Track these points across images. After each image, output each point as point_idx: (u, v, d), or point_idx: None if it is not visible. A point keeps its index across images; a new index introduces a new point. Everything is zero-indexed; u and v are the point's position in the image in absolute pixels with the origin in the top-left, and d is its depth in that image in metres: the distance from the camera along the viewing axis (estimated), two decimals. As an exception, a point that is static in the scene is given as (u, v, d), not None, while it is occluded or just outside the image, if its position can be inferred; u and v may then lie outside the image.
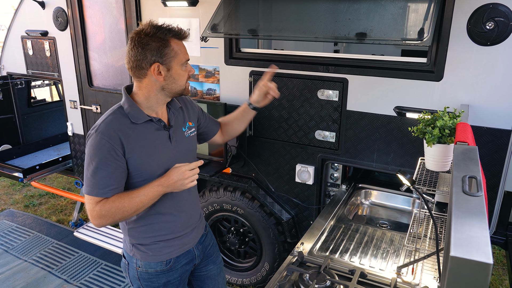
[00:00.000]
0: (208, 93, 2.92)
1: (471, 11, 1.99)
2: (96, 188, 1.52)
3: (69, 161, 4.07)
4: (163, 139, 1.66)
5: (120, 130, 1.54)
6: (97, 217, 1.53)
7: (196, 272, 1.96)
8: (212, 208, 3.06)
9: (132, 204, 1.54)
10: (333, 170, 2.76)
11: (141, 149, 1.58)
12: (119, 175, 1.55)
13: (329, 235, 2.11)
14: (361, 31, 2.08)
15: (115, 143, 1.52)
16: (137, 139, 1.57)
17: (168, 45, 1.55)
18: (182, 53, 1.59)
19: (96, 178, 1.52)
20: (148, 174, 1.60)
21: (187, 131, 1.79)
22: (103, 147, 1.51)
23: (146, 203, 1.56)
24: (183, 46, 1.61)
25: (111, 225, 1.61)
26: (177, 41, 1.58)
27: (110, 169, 1.52)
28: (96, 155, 1.51)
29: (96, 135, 1.53)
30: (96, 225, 1.56)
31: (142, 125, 1.60)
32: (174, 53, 1.56)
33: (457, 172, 1.14)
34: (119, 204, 1.52)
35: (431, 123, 1.76)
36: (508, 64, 1.97)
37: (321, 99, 2.50)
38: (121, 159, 1.54)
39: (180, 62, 1.59)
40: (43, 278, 3.38)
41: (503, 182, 2.17)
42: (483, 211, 0.93)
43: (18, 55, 4.00)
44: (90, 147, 1.54)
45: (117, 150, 1.52)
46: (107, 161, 1.51)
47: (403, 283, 1.66)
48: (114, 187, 1.54)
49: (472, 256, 0.77)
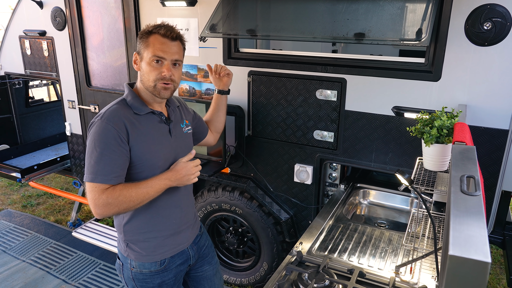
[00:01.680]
0: (206, 93, 2.93)
1: (469, 12, 2.00)
2: (100, 175, 1.51)
3: (67, 161, 4.06)
4: (164, 132, 1.69)
5: (125, 118, 1.58)
6: (102, 205, 1.51)
7: (191, 273, 1.96)
8: (210, 208, 3.06)
9: (139, 195, 1.55)
10: (331, 170, 2.76)
11: (144, 139, 1.60)
12: (123, 162, 1.56)
13: (327, 234, 2.12)
14: (359, 31, 2.09)
15: (121, 129, 1.54)
16: (140, 129, 1.60)
17: (147, 37, 1.60)
18: (155, 47, 1.58)
19: (100, 165, 1.52)
20: (148, 165, 1.62)
21: (185, 127, 1.83)
22: (109, 132, 1.52)
23: (152, 195, 1.58)
24: (162, 44, 1.58)
25: (112, 215, 1.58)
26: (158, 36, 1.59)
27: (114, 156, 1.53)
28: (101, 141, 1.52)
29: (102, 122, 1.54)
30: (99, 215, 1.53)
31: (144, 116, 1.64)
32: (146, 44, 1.59)
33: (455, 171, 1.14)
34: (127, 193, 1.53)
35: (429, 123, 1.77)
36: (506, 64, 1.98)
37: (320, 99, 2.51)
38: (125, 146, 1.55)
39: (149, 55, 1.58)
40: (41, 278, 3.38)
41: (501, 182, 2.18)
42: (481, 211, 0.94)
43: (16, 55, 3.99)
44: (95, 134, 1.54)
45: (122, 137, 1.54)
46: (113, 147, 1.52)
47: (402, 282, 1.67)
48: (118, 174, 1.55)
49: (471, 255, 0.78)
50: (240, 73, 2.73)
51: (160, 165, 1.65)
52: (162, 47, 1.58)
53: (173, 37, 1.60)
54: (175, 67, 1.64)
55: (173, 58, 1.61)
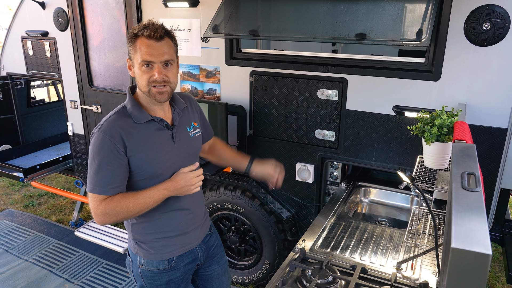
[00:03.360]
0: (208, 93, 2.95)
1: (468, 12, 2.03)
2: (98, 186, 1.55)
3: (69, 161, 4.08)
4: (165, 138, 1.67)
5: (122, 129, 1.57)
6: (101, 215, 1.56)
7: (200, 272, 1.97)
8: (212, 207, 3.09)
9: (137, 205, 1.57)
10: (332, 169, 2.80)
11: (142, 148, 1.60)
12: (121, 173, 1.58)
13: (329, 232, 2.15)
14: (360, 32, 2.12)
15: (117, 141, 1.55)
16: (139, 138, 1.60)
17: (134, 41, 1.55)
18: (142, 51, 1.53)
19: (98, 176, 1.55)
20: (150, 172, 1.63)
21: (192, 131, 1.79)
22: (105, 145, 1.54)
23: (150, 204, 1.60)
24: (148, 47, 1.53)
25: (113, 223, 1.64)
26: (143, 39, 1.53)
27: (112, 168, 1.55)
28: (98, 154, 1.54)
29: (99, 134, 1.56)
30: (99, 223, 1.59)
31: (144, 124, 1.62)
32: (135, 49, 1.55)
33: (456, 169, 1.17)
34: (124, 204, 1.56)
35: (429, 122, 1.80)
36: (504, 64, 2.01)
37: (321, 98, 2.54)
38: (123, 158, 1.56)
39: (138, 60, 1.54)
40: (44, 277, 3.40)
41: (500, 180, 2.21)
42: (482, 206, 0.97)
43: (18, 56, 4.01)
44: (93, 146, 1.57)
45: (119, 149, 1.55)
46: (109, 159, 1.54)
47: (403, 278, 1.70)
48: (116, 185, 1.57)
49: (472, 247, 0.81)
50: (242, 73, 2.76)
51: (161, 172, 1.64)
52: (149, 50, 1.52)
53: (158, 38, 1.53)
54: (168, 67, 1.58)
55: (162, 59, 1.54)
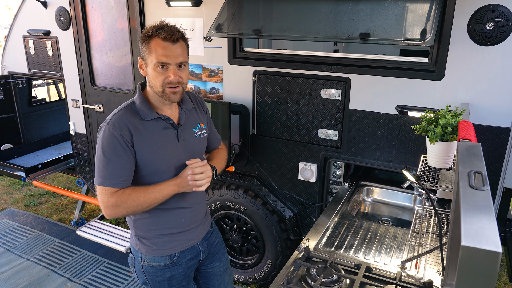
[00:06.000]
0: (211, 92, 2.96)
1: (472, 12, 2.03)
2: (108, 179, 1.58)
3: (71, 160, 4.08)
4: (170, 137, 1.70)
5: (130, 123, 1.61)
6: (111, 207, 1.58)
7: (201, 269, 1.99)
8: (215, 206, 3.09)
9: (147, 199, 1.61)
10: (335, 168, 2.80)
11: (148, 145, 1.63)
12: (130, 166, 1.61)
13: (333, 231, 2.16)
14: (364, 31, 2.12)
15: (126, 135, 1.58)
16: (145, 135, 1.63)
17: (149, 42, 1.57)
18: (157, 53, 1.55)
19: (108, 169, 1.58)
20: (153, 169, 1.66)
21: (197, 132, 1.81)
22: (115, 139, 1.57)
23: (160, 199, 1.64)
24: (164, 48, 1.55)
25: (121, 217, 1.66)
26: (159, 41, 1.55)
27: (121, 161, 1.58)
28: (108, 147, 1.57)
29: (108, 128, 1.59)
30: (108, 216, 1.61)
31: (150, 122, 1.66)
32: (149, 50, 1.57)
33: (463, 167, 1.18)
34: (135, 197, 1.59)
35: (433, 121, 1.80)
36: (508, 64, 2.02)
37: (324, 98, 2.54)
38: (131, 151, 1.60)
39: (153, 61, 1.56)
40: (46, 276, 3.40)
41: (503, 179, 2.22)
42: (490, 204, 0.97)
43: (19, 55, 4.01)
44: (102, 139, 1.59)
45: (128, 142, 1.59)
46: (119, 152, 1.58)
47: (408, 277, 1.71)
48: (126, 178, 1.61)
49: (482, 245, 0.82)
50: (245, 73, 2.76)
51: (164, 169, 1.68)
52: (165, 52, 1.55)
53: (174, 40, 1.56)
54: (181, 68, 1.62)
55: (177, 61, 1.58)
